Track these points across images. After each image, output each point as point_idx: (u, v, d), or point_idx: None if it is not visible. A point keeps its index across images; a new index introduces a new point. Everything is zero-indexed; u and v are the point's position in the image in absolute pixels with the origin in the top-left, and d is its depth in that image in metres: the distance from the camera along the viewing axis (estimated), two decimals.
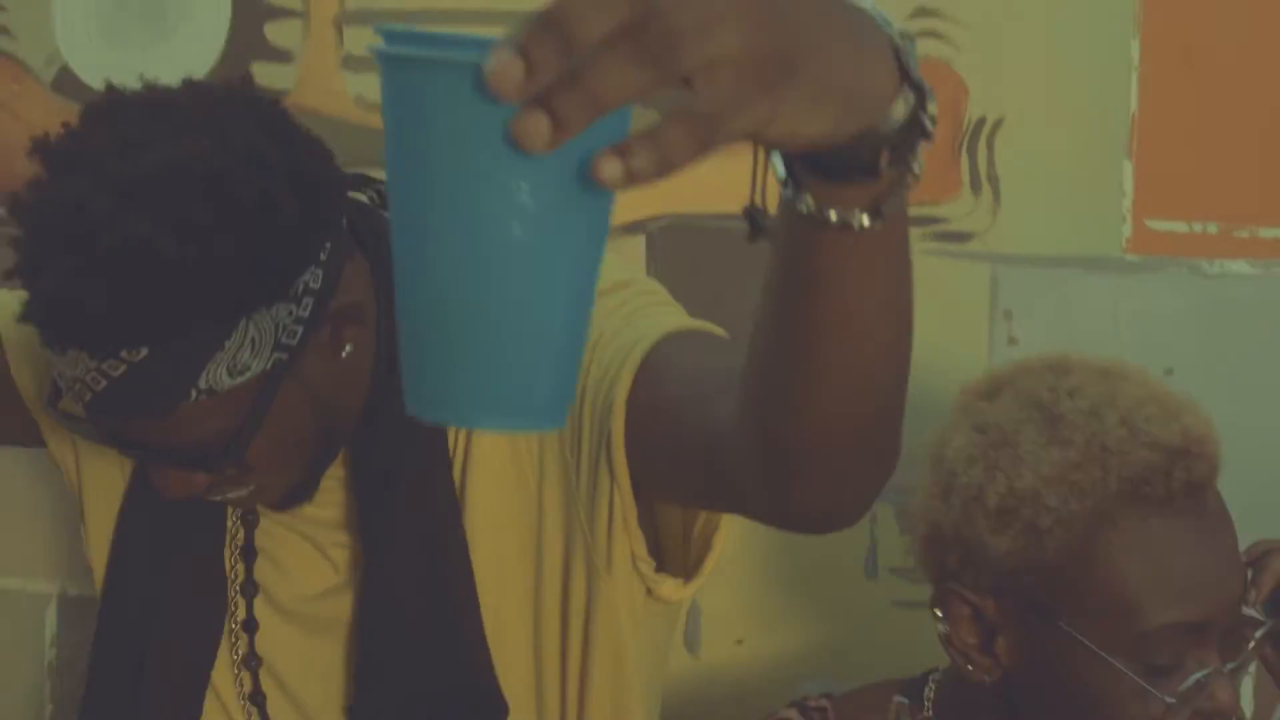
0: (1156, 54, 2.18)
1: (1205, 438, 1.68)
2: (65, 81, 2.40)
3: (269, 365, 1.58)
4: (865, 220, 1.02)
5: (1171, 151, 2.21)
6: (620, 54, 0.88)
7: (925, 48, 2.18)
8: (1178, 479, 1.64)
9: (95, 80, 2.28)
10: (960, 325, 2.25)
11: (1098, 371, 1.75)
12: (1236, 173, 2.20)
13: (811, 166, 1.01)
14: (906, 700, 1.86)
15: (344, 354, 1.63)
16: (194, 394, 1.56)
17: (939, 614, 1.69)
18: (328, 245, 1.58)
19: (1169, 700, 1.62)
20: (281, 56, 2.35)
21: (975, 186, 2.23)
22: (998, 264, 2.24)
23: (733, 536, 1.64)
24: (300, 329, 1.59)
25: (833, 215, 1.00)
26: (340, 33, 2.31)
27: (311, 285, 1.58)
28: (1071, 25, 2.19)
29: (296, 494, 1.71)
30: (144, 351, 1.52)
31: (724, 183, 2.10)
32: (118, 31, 2.37)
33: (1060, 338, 2.21)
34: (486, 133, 0.92)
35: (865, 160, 1.01)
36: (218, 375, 1.56)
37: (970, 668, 1.67)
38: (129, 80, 1.63)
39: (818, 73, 0.93)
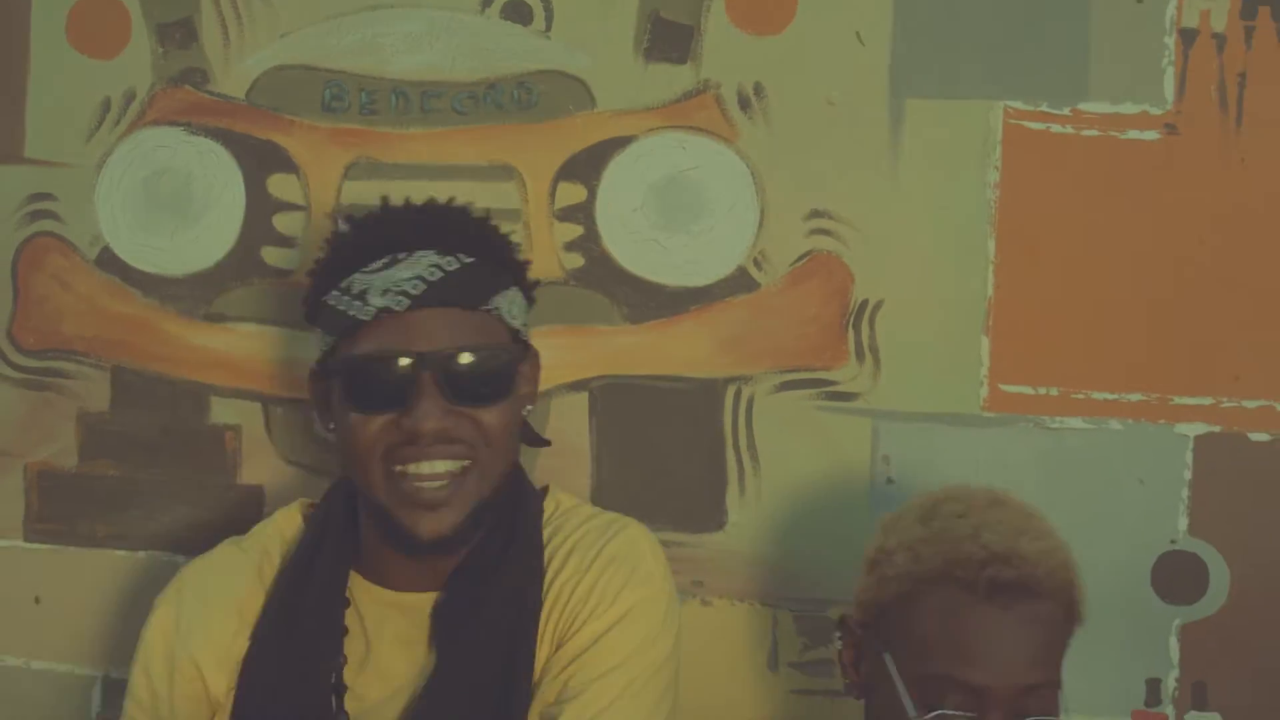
0: (1009, 250, 2.44)
1: (1028, 557, 1.98)
2: (106, 259, 2.59)
3: (522, 326, 2.18)
4: None
5: (1021, 329, 2.45)
6: None
7: (819, 243, 2.45)
8: (986, 574, 1.96)
9: (132, 258, 2.57)
10: (847, 466, 2.48)
11: (990, 496, 2.09)
12: (1074, 346, 2.44)
13: None
14: None
15: (525, 392, 2.23)
16: (491, 305, 2.13)
17: (837, 635, 2.08)
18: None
19: (943, 715, 1.94)
20: (287, 242, 2.55)
21: (860, 356, 2.47)
22: (878, 418, 2.47)
23: None
24: (528, 331, 2.21)
25: None
26: (336, 223, 2.45)
27: (527, 314, 2.23)
28: (939, 225, 2.44)
29: (469, 524, 2.12)
30: (470, 260, 2.12)
31: (653, 350, 2.48)
32: (150, 220, 2.57)
33: (929, 478, 2.42)
34: None
35: None
36: (505, 305, 2.15)
37: (845, 680, 2.06)
38: (164, 259, 2.27)
39: None
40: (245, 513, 2.53)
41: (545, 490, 2.31)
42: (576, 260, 2.50)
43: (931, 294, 2.46)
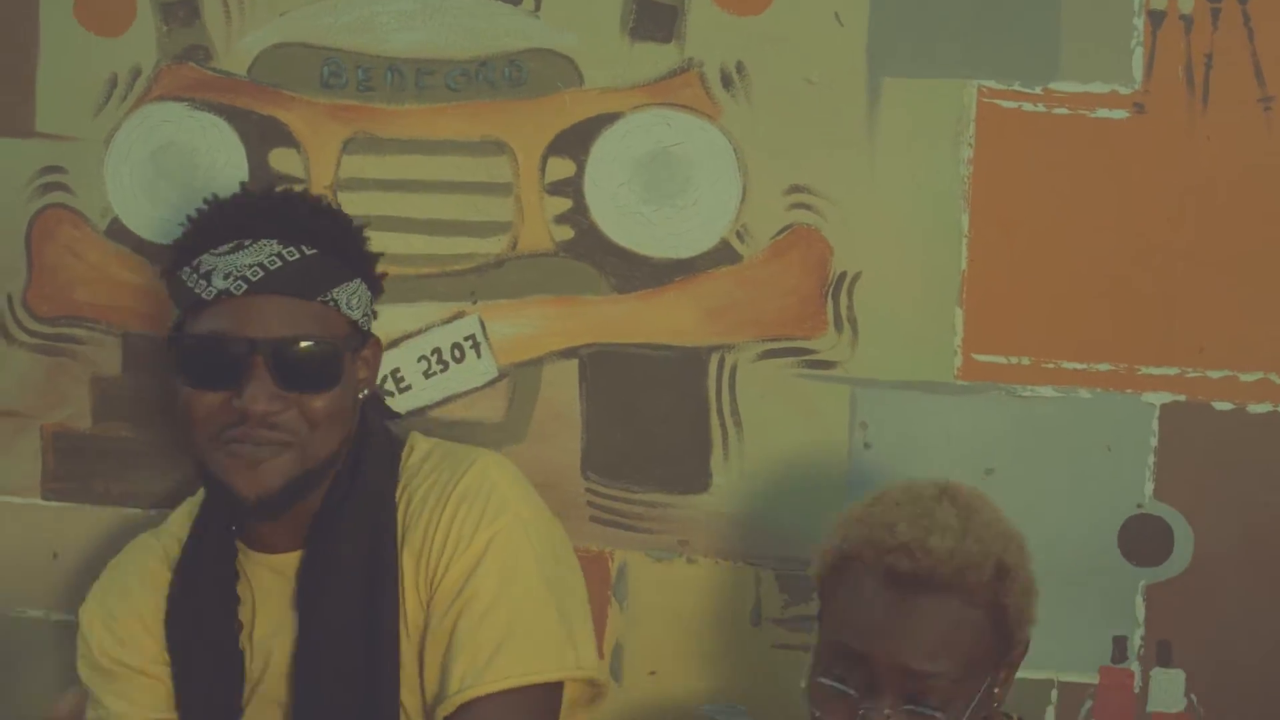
0: (982, 224, 2.49)
1: (933, 551, 2.00)
2: (116, 230, 2.65)
3: (362, 318, 2.24)
4: None
5: (993, 300, 2.50)
6: None
7: (799, 216, 2.50)
8: (886, 561, 2.01)
9: (140, 229, 2.64)
10: (826, 432, 2.54)
11: (942, 491, 2.11)
12: (1044, 318, 2.49)
13: None
14: None
15: (362, 378, 2.27)
16: (329, 296, 2.20)
17: (815, 594, 2.15)
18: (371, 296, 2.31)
19: (821, 681, 2.02)
20: None
21: (838, 326, 2.52)
22: (856, 386, 2.53)
23: None
24: (369, 321, 2.26)
25: None
26: (335, 196, 2.56)
27: (371, 305, 2.28)
28: (915, 200, 2.49)
29: (291, 488, 2.20)
30: (312, 251, 2.19)
31: (640, 319, 2.55)
32: (157, 191, 2.63)
33: (904, 444, 2.52)
34: None
35: None
36: (344, 298, 2.22)
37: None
38: (172, 230, 2.35)
39: None
40: None
41: (402, 441, 2.37)
42: (566, 232, 2.57)
43: (907, 266, 2.51)
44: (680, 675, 2.62)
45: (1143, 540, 2.52)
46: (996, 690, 2.09)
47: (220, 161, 2.63)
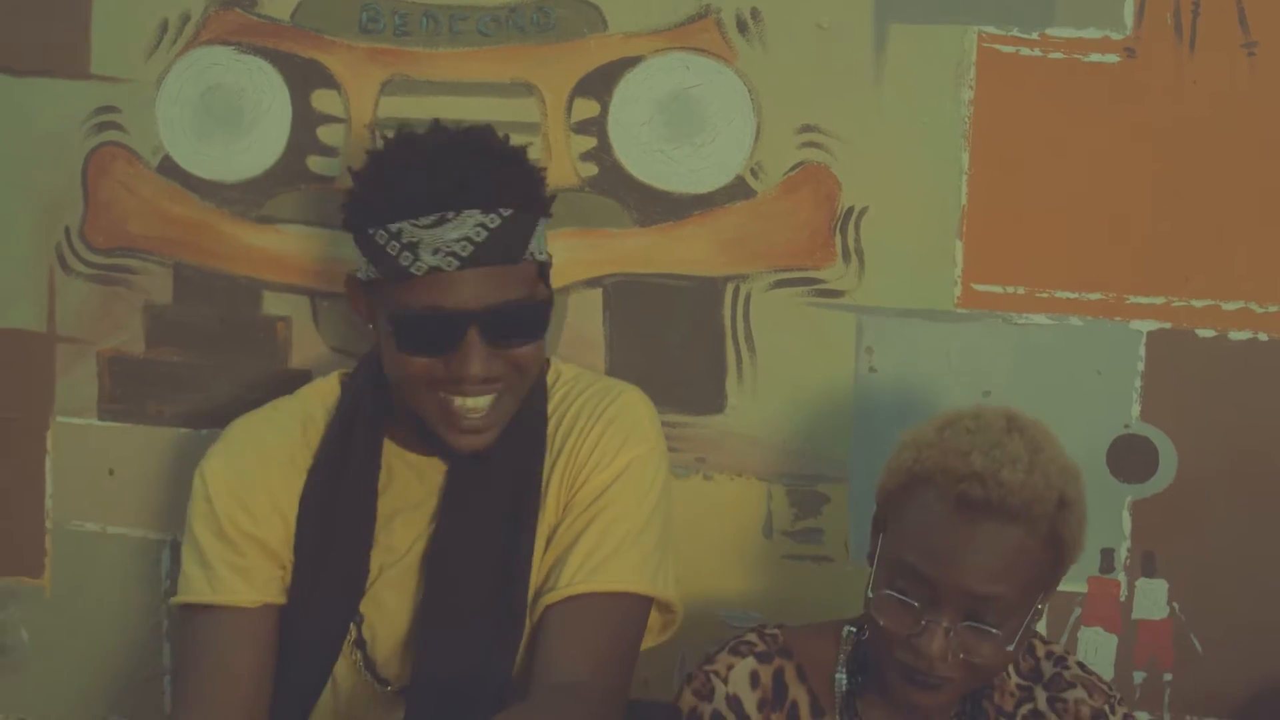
0: (981, 162, 2.56)
1: (1005, 483, 2.03)
2: (167, 166, 2.75)
3: (547, 257, 2.31)
4: None
5: (991, 233, 2.57)
6: None
7: (809, 154, 2.59)
8: (959, 488, 2.05)
9: (190, 166, 2.73)
10: (834, 357, 2.63)
11: (1010, 421, 2.13)
12: (1039, 250, 2.57)
13: None
14: (854, 629, 2.26)
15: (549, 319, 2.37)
16: (528, 253, 2.27)
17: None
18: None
19: (887, 593, 2.08)
20: (330, 152, 2.70)
21: (846, 257, 2.61)
22: (862, 314, 2.62)
23: None
24: (547, 258, 2.32)
25: None
26: (374, 135, 2.66)
27: (544, 244, 2.34)
28: (918, 139, 2.57)
29: (500, 431, 2.31)
30: (509, 212, 2.23)
31: (662, 251, 2.65)
32: (206, 131, 2.73)
33: (907, 368, 2.61)
34: None
35: None
36: (536, 246, 2.28)
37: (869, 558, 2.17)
38: (219, 167, 2.46)
39: None
40: None
41: (548, 363, 2.48)
42: (591, 169, 2.67)
43: (911, 201, 2.59)
44: (699, 584, 2.70)
45: (1129, 459, 2.61)
46: (1039, 607, 2.17)
47: (266, 102, 2.71)
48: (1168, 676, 2.68)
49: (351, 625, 2.38)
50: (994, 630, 2.09)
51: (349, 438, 2.41)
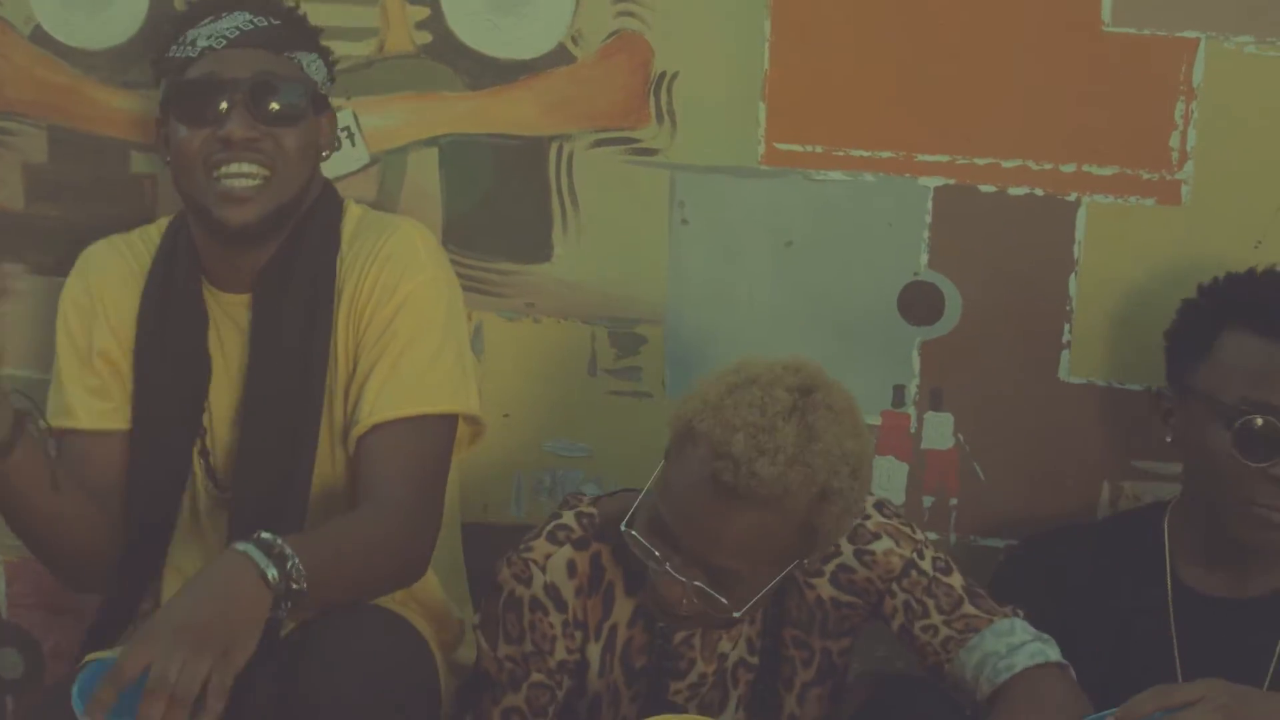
0: (782, 31, 2.70)
1: (757, 473, 2.06)
2: (39, 35, 2.86)
3: (321, 85, 2.63)
4: None
5: (792, 96, 2.72)
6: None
7: (625, 23, 2.73)
8: (714, 465, 2.10)
9: (60, 34, 2.84)
10: (650, 210, 2.80)
11: (799, 396, 2.14)
12: (835, 112, 2.72)
13: None
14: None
15: (323, 139, 2.61)
16: (294, 56, 2.58)
17: None
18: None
19: (634, 534, 2.18)
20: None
21: (660, 118, 2.77)
22: (675, 171, 2.77)
23: None
24: (328, 92, 2.61)
25: None
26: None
27: (327, 82, 2.63)
28: (724, 11, 2.72)
29: (267, 219, 2.52)
30: (276, 22, 2.58)
31: (490, 113, 2.82)
32: (73, 0, 2.84)
33: (716, 221, 2.78)
34: None
35: None
36: (306, 61, 2.62)
37: None
38: (87, 35, 2.67)
39: None
40: None
41: (343, 203, 2.66)
42: (425, 37, 2.82)
43: (718, 66, 2.73)
44: (529, 418, 2.90)
45: (918, 303, 2.78)
46: (805, 562, 2.24)
47: None
48: (954, 501, 2.87)
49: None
50: (722, 599, 2.17)
51: (173, 262, 2.64)
